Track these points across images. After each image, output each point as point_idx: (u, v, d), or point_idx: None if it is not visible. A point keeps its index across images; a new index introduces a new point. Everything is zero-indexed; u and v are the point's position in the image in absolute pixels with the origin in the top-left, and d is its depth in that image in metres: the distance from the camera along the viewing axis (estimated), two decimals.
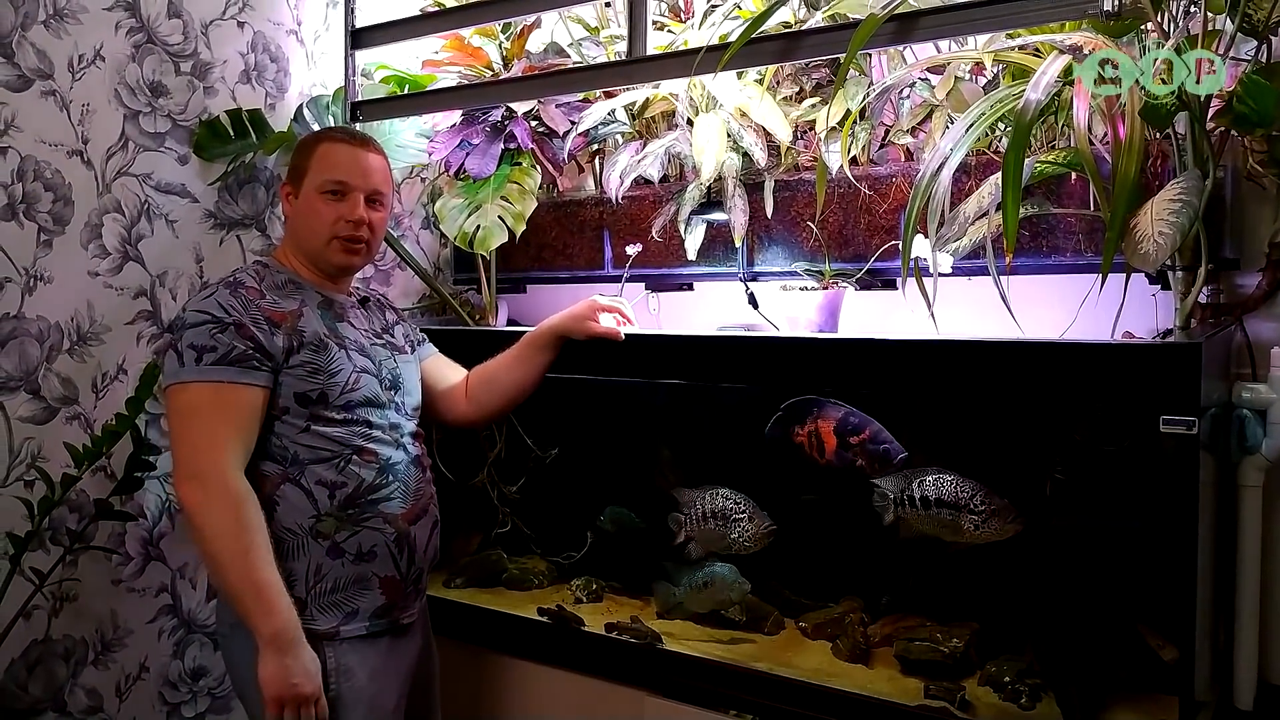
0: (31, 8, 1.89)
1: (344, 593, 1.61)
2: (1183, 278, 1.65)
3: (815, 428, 1.90)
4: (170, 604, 2.17)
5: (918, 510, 1.79)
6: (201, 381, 1.53)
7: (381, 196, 1.73)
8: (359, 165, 1.69)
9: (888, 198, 1.95)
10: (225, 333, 1.55)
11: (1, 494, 1.88)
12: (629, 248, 2.16)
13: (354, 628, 1.62)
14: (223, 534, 1.50)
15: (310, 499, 1.59)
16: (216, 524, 1.51)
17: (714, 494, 2.00)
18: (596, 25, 2.35)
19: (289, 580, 1.57)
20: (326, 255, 1.69)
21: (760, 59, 1.81)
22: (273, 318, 1.60)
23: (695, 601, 2.04)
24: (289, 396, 1.59)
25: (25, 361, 1.91)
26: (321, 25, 2.44)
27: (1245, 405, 1.71)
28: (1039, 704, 1.66)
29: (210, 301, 1.58)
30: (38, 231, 1.92)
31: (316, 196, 1.68)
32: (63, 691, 1.98)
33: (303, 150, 1.73)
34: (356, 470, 1.62)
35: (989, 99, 1.63)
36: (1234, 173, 1.75)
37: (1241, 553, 1.72)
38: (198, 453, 1.52)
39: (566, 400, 2.15)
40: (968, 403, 1.84)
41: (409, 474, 1.69)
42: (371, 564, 1.62)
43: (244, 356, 1.55)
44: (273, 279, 1.67)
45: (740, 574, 2.02)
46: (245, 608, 1.51)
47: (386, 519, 1.64)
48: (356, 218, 1.67)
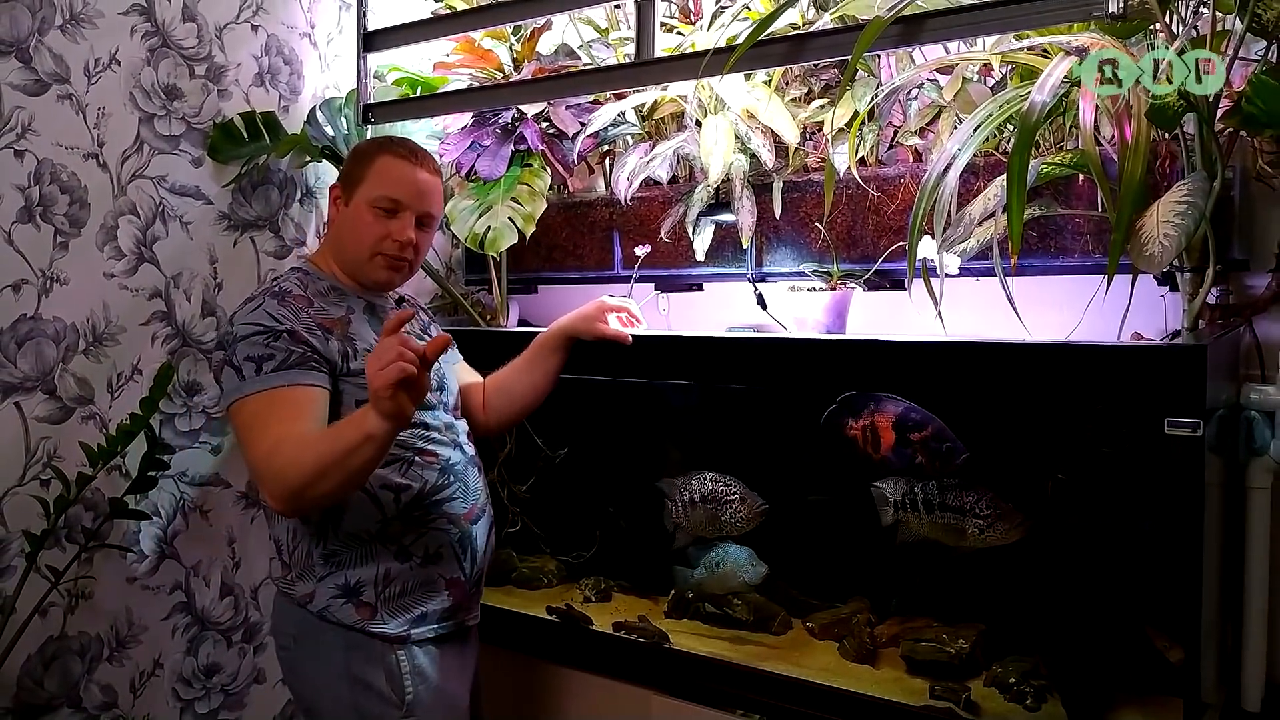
0: (48, 12, 1.92)
1: (413, 596, 1.61)
2: (1191, 279, 1.65)
3: (872, 422, 1.85)
4: (184, 601, 2.19)
5: (920, 514, 1.79)
6: (265, 390, 1.49)
7: (432, 219, 1.69)
8: (415, 184, 1.65)
9: (896, 198, 1.95)
10: (279, 340, 1.52)
11: (18, 492, 1.91)
12: (638, 248, 2.17)
13: (424, 631, 1.62)
14: (311, 459, 1.41)
15: (376, 504, 1.58)
16: (303, 465, 1.41)
17: (701, 478, 2.01)
18: (606, 27, 2.36)
19: (357, 586, 1.58)
20: (366, 270, 1.67)
21: (767, 61, 1.81)
22: (324, 325, 1.58)
23: (711, 583, 2.04)
24: (351, 404, 1.55)
25: (42, 362, 1.94)
26: (334, 28, 2.46)
27: (1253, 407, 1.71)
28: (1044, 705, 1.66)
29: (260, 313, 1.55)
30: (54, 233, 1.95)
31: (367, 209, 1.64)
32: (78, 688, 2.01)
33: (360, 158, 1.69)
34: (420, 472, 1.61)
35: (996, 100, 1.63)
36: (1243, 173, 1.75)
37: (1249, 554, 1.72)
38: (271, 457, 1.45)
39: (576, 401, 2.16)
40: (974, 404, 1.84)
41: (468, 473, 1.69)
42: (438, 566, 1.63)
43: (303, 359, 1.52)
44: (316, 286, 1.65)
45: (757, 556, 2.01)
46: (349, 441, 1.39)
47: (450, 519, 1.64)
48: (405, 239, 1.64)
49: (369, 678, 1.60)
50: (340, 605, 1.60)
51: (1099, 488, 1.73)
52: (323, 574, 1.61)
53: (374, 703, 1.60)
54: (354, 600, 1.59)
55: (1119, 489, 1.70)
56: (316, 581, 1.61)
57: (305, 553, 1.62)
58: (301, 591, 1.62)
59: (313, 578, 1.61)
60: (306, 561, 1.62)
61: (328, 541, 1.60)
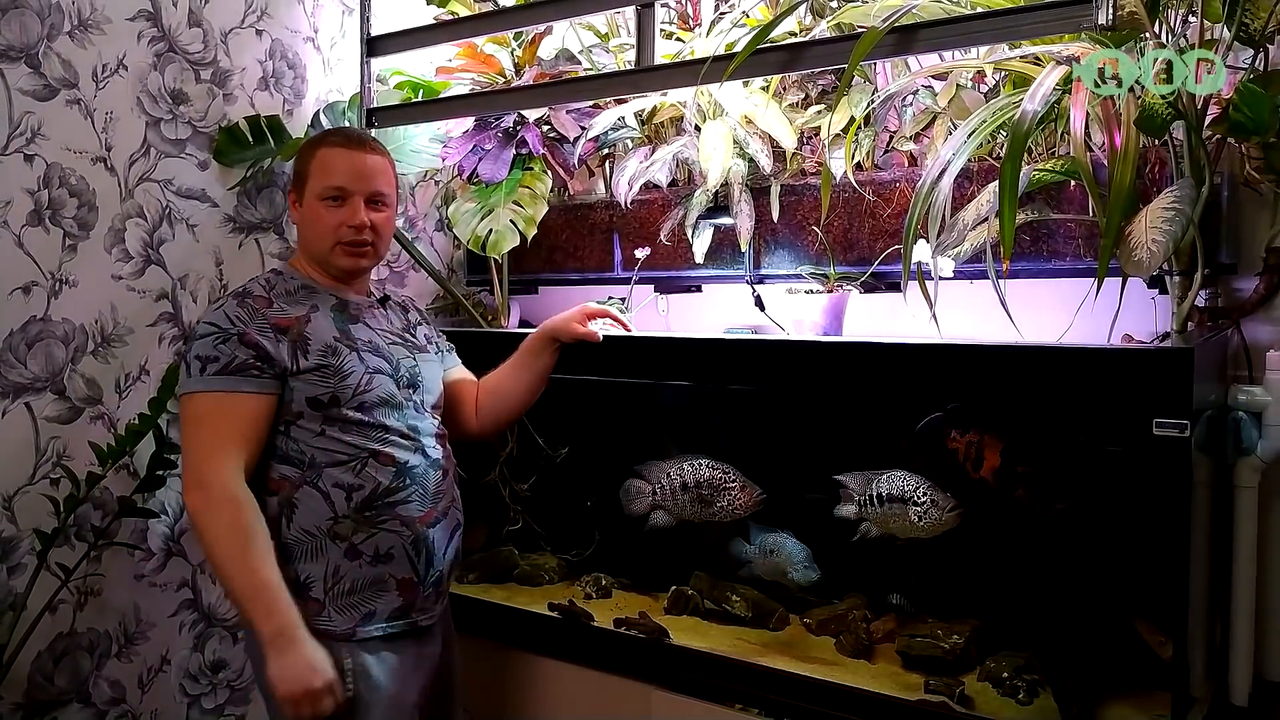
0: (57, 19, 1.95)
1: (361, 594, 1.63)
2: (1180, 282, 1.69)
3: (979, 440, 1.84)
4: (191, 598, 2.22)
5: (876, 508, 1.86)
6: (206, 391, 1.56)
7: (383, 196, 1.72)
8: (357, 169, 1.69)
9: (891, 202, 1.98)
10: (228, 343, 1.57)
11: (29, 491, 1.94)
12: (638, 250, 2.21)
13: (371, 629, 1.63)
14: (223, 539, 1.52)
15: (328, 501, 1.62)
16: (217, 528, 1.53)
17: (696, 464, 2.05)
18: (607, 33, 2.39)
19: (307, 582, 1.60)
20: (332, 260, 1.71)
21: (765, 69, 1.84)
22: (279, 324, 1.62)
23: (760, 565, 2.07)
24: (301, 401, 1.61)
25: (51, 363, 1.97)
26: (338, 33, 2.49)
27: (1241, 408, 1.74)
28: (1036, 699, 1.69)
29: (219, 314, 1.61)
30: (63, 236, 1.98)
31: (318, 203, 1.68)
32: (87, 683, 2.04)
33: (302, 157, 1.73)
34: (373, 473, 1.63)
35: (989, 107, 1.67)
36: (1230, 179, 1.78)
37: (1237, 552, 1.75)
38: (201, 461, 1.55)
39: (577, 401, 2.19)
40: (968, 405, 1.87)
41: (427, 477, 1.70)
42: (389, 566, 1.64)
43: (244, 366, 1.57)
44: (285, 285, 1.69)
45: (813, 559, 2.03)
46: (246, 610, 1.53)
47: (404, 521, 1.65)
48: (358, 223, 1.68)
49: None
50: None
51: (1091, 487, 1.76)
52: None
53: None
54: (303, 595, 1.60)
55: (1110, 488, 1.73)
56: None
57: None
58: None
59: None
60: None
61: (282, 535, 1.62)
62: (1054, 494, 1.78)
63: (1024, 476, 1.80)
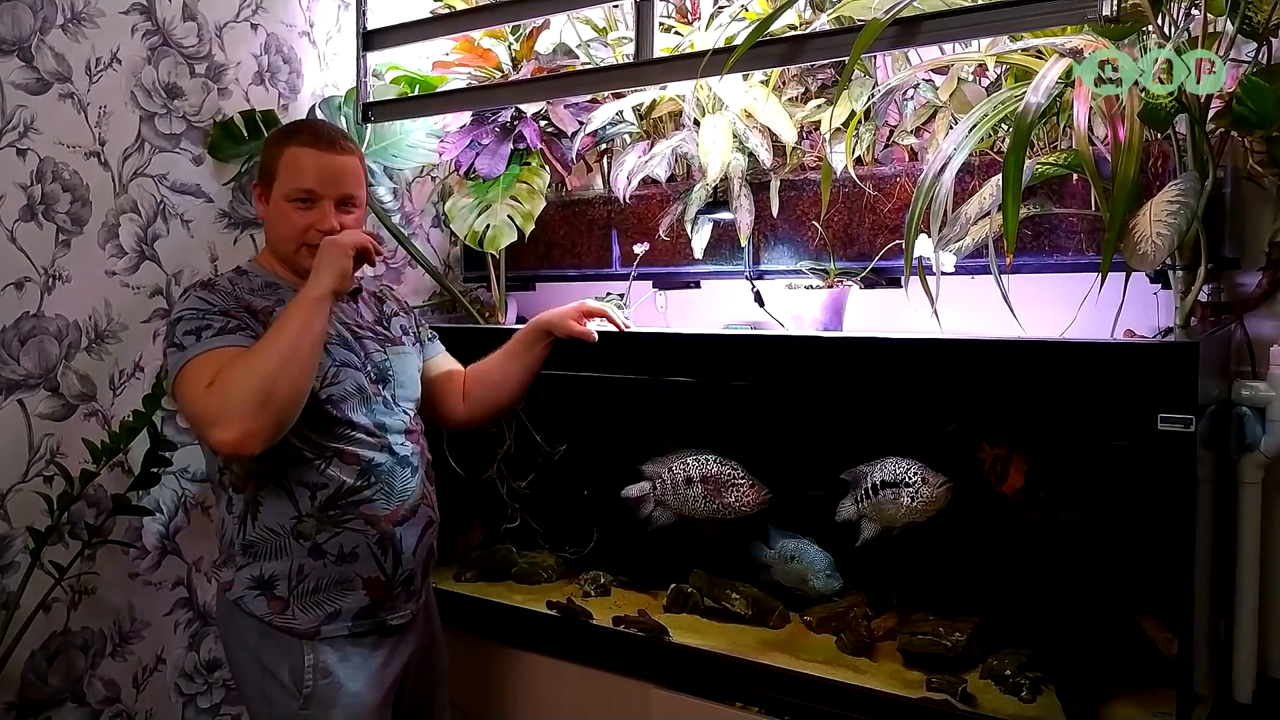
0: (50, 12, 1.93)
1: (326, 593, 1.61)
2: (1183, 277, 1.68)
3: (1007, 455, 1.82)
4: (186, 597, 2.20)
5: (872, 499, 1.86)
6: (204, 353, 1.50)
7: (353, 198, 1.67)
8: (327, 171, 1.63)
9: (892, 197, 1.97)
10: (214, 314, 1.54)
11: (22, 489, 1.92)
12: (637, 246, 2.19)
13: (335, 628, 1.62)
14: (263, 358, 1.46)
15: (291, 500, 1.60)
16: (255, 369, 1.45)
17: (701, 459, 2.04)
18: (605, 26, 2.37)
19: (271, 580, 1.59)
20: (299, 261, 1.65)
21: (765, 62, 1.83)
22: (249, 307, 1.60)
23: (779, 570, 2.06)
24: None
25: (44, 359, 1.95)
26: (333, 27, 2.47)
27: (1245, 403, 1.73)
28: (1039, 697, 1.68)
29: (191, 299, 1.58)
30: (56, 232, 1.96)
31: (286, 204, 1.64)
32: (81, 682, 2.02)
33: (270, 151, 1.67)
34: (336, 473, 1.60)
35: (991, 100, 1.65)
36: (1234, 173, 1.77)
37: (1241, 548, 1.75)
38: (211, 390, 1.45)
39: (574, 397, 2.18)
40: (968, 400, 1.86)
41: (394, 474, 1.66)
42: (354, 565, 1.62)
43: (240, 326, 1.54)
44: (249, 283, 1.66)
45: (836, 568, 2.02)
46: (302, 308, 1.51)
47: (368, 520, 1.62)
48: (327, 228, 1.62)
49: (274, 668, 1.61)
50: (253, 597, 1.61)
51: (1095, 482, 1.75)
52: (241, 564, 1.63)
53: (277, 691, 1.61)
54: (267, 593, 1.60)
55: (1115, 483, 1.72)
56: (235, 570, 1.63)
57: (230, 540, 1.64)
58: (224, 579, 1.65)
59: (233, 566, 1.64)
60: (230, 550, 1.65)
61: (247, 532, 1.61)
62: (1071, 527, 1.78)
63: (1044, 503, 1.79)
